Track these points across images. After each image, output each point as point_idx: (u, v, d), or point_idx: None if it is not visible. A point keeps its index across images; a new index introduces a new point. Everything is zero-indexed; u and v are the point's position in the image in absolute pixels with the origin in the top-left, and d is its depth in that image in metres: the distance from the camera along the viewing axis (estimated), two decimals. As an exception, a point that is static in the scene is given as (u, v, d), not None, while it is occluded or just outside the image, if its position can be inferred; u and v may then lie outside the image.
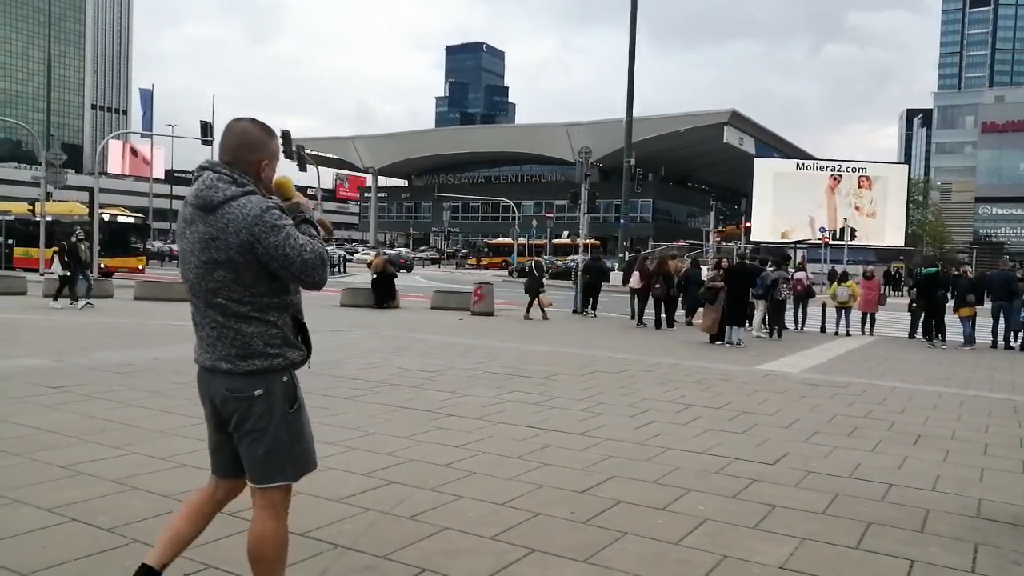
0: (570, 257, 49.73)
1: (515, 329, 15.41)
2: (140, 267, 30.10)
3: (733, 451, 5.80)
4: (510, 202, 69.55)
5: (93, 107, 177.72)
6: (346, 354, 10.48)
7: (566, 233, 65.80)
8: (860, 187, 56.52)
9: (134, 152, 78.78)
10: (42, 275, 26.17)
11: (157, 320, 14.15)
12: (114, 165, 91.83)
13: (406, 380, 8.51)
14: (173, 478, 4.58)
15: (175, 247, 56.08)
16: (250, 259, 2.46)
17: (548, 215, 62.62)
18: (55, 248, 30.95)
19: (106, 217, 28.88)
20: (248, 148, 2.59)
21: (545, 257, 51.30)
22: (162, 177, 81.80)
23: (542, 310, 17.83)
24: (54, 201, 31.71)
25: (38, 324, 13.07)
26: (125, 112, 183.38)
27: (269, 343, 2.54)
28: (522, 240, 58.77)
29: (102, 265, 26.02)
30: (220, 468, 2.74)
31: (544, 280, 18.74)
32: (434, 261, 66.92)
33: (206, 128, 30.26)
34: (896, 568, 3.63)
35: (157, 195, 73.05)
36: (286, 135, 34.70)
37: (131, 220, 31.46)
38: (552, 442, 5.88)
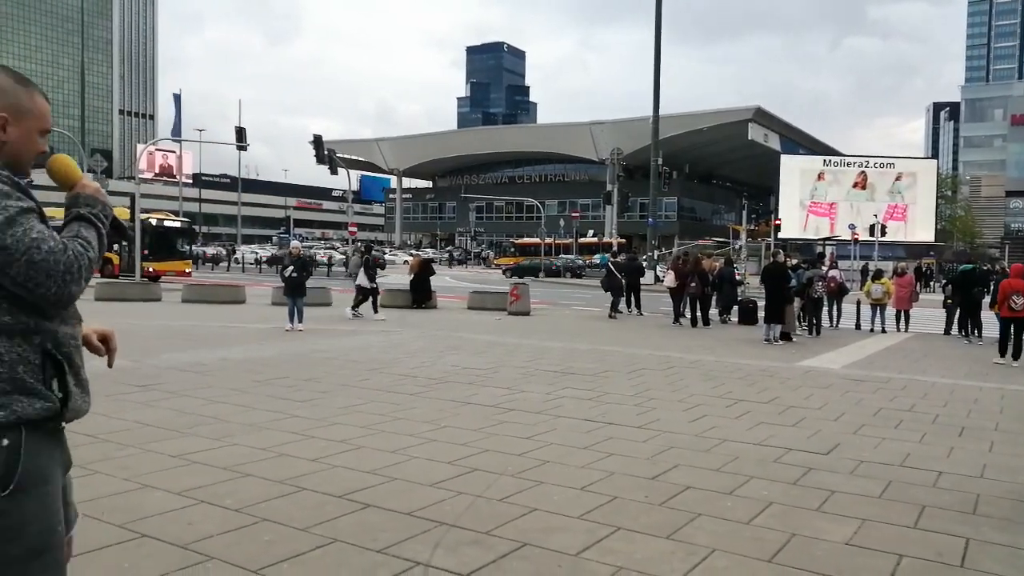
0: (596, 256, 50.07)
1: (555, 328, 15.78)
2: (187, 270, 30.64)
3: (786, 442, 6.14)
4: (535, 201, 69.93)
5: (121, 112, 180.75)
6: (400, 353, 10.93)
7: (591, 232, 66.09)
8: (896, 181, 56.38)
9: (166, 156, 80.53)
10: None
11: (209, 322, 14.69)
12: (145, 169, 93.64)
13: (462, 377, 8.92)
14: (280, 466, 5.02)
15: (207, 250, 57.25)
16: None
17: (574, 214, 62.88)
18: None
19: (154, 221, 29.63)
20: None
21: (572, 256, 51.63)
22: (190, 181, 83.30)
23: (618, 307, 18.82)
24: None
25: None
26: (152, 117, 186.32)
27: None
28: (548, 239, 59.04)
29: (150, 269, 26.70)
30: None
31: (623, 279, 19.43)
32: (460, 262, 67.46)
33: (241, 134, 30.92)
34: (953, 544, 3.96)
35: (187, 199, 74.45)
36: (318, 139, 35.44)
37: (178, 224, 32.10)
38: (614, 434, 6.25)
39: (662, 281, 27.19)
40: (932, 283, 38.32)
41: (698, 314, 16.96)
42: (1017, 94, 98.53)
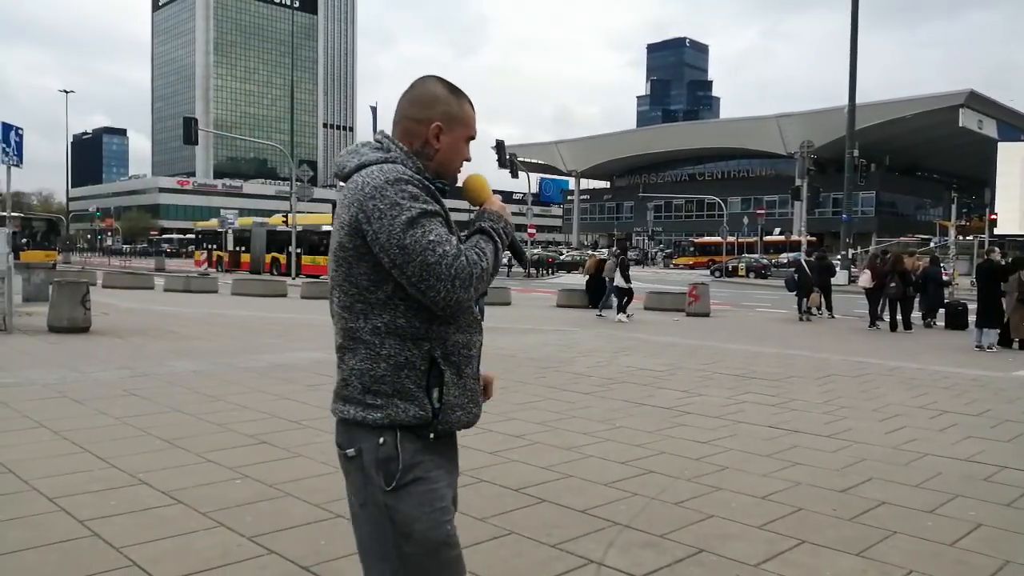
0: (783, 255, 47.67)
1: (736, 330, 15.23)
2: None
3: (1000, 459, 5.54)
4: (716, 199, 67.76)
5: (325, 125, 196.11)
6: (574, 352, 11.03)
7: (778, 230, 63.04)
8: None
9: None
10: (294, 278, 29.61)
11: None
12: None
13: (638, 378, 8.85)
14: (461, 457, 5.23)
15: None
16: (361, 247, 1.79)
17: (759, 211, 60.24)
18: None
19: None
20: (418, 105, 1.94)
21: (757, 256, 49.57)
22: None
23: (809, 309, 18.05)
24: (300, 212, 35.73)
25: (312, 323, 14.93)
26: (351, 129, 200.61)
27: (370, 387, 1.82)
28: (731, 238, 57.00)
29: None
30: None
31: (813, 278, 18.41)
32: (636, 262, 66.74)
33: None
34: None
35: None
36: (500, 144, 36.51)
37: None
38: (799, 443, 5.94)
39: (855, 282, 25.40)
40: None
41: (898, 317, 15.68)
42: None
